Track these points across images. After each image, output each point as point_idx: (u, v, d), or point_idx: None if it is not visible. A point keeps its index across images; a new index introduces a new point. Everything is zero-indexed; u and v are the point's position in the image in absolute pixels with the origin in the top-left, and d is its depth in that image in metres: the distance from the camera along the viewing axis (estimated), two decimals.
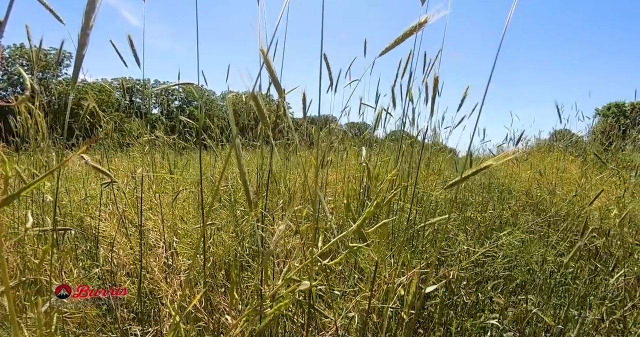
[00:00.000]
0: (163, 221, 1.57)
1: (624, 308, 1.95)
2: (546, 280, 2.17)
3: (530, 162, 3.61)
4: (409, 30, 0.71)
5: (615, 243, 2.38)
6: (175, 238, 1.65)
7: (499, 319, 1.86)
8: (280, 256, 1.46)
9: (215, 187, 1.48)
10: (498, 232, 2.24)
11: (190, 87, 1.45)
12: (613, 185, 2.74)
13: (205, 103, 5.32)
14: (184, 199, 2.00)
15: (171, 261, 1.52)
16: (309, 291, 0.96)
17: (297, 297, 1.31)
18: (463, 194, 2.95)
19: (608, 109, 18.01)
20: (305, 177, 1.62)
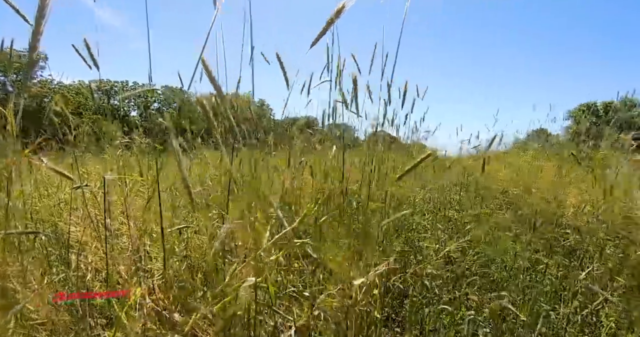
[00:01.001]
0: (129, 223, 1.56)
1: (595, 302, 1.99)
2: (521, 276, 2.20)
3: (507, 161, 3.66)
4: (330, 19, 0.74)
5: (588, 239, 2.42)
6: (149, 241, 1.63)
7: (474, 316, 1.88)
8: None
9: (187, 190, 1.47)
10: (474, 231, 2.27)
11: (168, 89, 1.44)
12: (586, 183, 2.80)
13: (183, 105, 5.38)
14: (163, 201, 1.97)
15: (142, 264, 1.51)
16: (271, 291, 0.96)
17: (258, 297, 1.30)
18: (442, 194, 2.99)
19: (581, 110, 18.43)
20: (274, 179, 1.62)
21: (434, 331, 1.91)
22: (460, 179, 3.37)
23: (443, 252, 1.76)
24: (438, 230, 2.41)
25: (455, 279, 2.14)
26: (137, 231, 1.55)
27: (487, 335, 1.89)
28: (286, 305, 1.24)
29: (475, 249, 2.13)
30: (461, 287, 2.09)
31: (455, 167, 3.42)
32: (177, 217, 1.86)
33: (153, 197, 1.89)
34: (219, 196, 1.76)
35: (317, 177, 2.42)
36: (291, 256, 1.82)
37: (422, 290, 1.99)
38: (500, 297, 2.01)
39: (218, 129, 0.78)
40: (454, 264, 2.20)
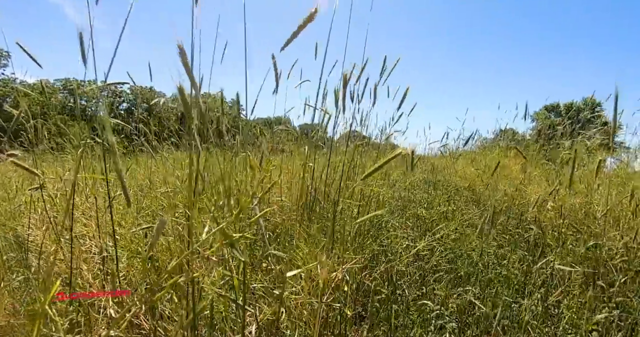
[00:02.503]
0: (93, 225, 1.52)
1: (555, 293, 2.06)
2: (486, 271, 2.26)
3: (474, 159, 3.76)
4: (302, 23, 0.74)
5: (550, 233, 2.51)
6: (111, 243, 1.60)
7: (440, 310, 1.92)
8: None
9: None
10: (442, 227, 2.31)
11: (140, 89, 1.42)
12: (547, 180, 2.90)
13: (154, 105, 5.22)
14: (122, 203, 1.94)
15: (104, 266, 1.48)
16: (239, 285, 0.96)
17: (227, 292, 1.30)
18: (411, 192, 3.04)
19: (547, 110, 19.13)
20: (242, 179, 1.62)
21: (402, 326, 1.94)
22: (430, 177, 3.43)
23: (412, 251, 1.79)
24: (408, 228, 2.45)
25: (424, 275, 2.18)
26: (99, 233, 1.52)
27: (453, 329, 1.94)
28: (252, 303, 1.24)
29: (443, 245, 2.18)
30: (429, 283, 2.13)
31: (423, 165, 3.49)
32: (142, 218, 1.83)
33: (116, 198, 1.85)
34: (184, 195, 1.74)
35: (286, 176, 2.42)
36: (260, 255, 1.82)
37: (391, 287, 2.02)
38: (466, 292, 2.06)
39: (190, 128, 0.77)
40: (423, 261, 2.24)
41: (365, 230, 2.27)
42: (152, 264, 1.69)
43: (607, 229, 2.46)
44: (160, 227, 0.63)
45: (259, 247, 1.97)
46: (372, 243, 2.22)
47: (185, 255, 0.78)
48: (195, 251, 0.90)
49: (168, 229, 1.86)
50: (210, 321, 1.12)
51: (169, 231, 1.89)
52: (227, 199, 0.98)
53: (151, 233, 1.81)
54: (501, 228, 2.57)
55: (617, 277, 2.08)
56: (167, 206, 1.77)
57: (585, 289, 2.15)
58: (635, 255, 2.24)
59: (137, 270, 1.52)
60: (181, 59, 0.76)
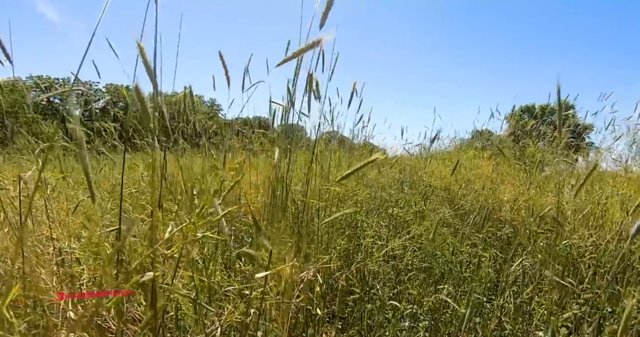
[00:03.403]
0: (57, 226, 1.47)
1: (527, 291, 2.10)
2: (460, 269, 2.28)
3: (449, 159, 3.81)
4: (305, 47, 0.75)
5: (522, 232, 2.56)
6: (75, 245, 1.55)
7: (413, 309, 1.93)
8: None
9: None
10: (416, 227, 2.33)
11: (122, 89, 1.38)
12: (519, 179, 2.95)
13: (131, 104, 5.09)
14: (89, 204, 1.89)
15: (62, 269, 1.43)
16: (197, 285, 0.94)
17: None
18: (386, 192, 3.05)
19: (522, 111, 19.59)
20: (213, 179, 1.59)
21: (376, 326, 1.94)
22: (406, 177, 3.46)
23: (385, 250, 1.80)
24: (383, 227, 2.46)
25: (397, 274, 2.19)
26: (63, 234, 1.47)
27: (427, 327, 1.95)
28: (218, 304, 1.22)
29: (416, 244, 2.19)
30: (402, 282, 2.14)
31: (399, 165, 3.52)
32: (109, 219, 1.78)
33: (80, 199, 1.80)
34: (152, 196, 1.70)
35: (260, 176, 2.40)
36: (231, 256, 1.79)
37: (365, 287, 2.02)
38: (440, 290, 2.08)
39: (152, 127, 0.75)
40: (397, 260, 2.25)
41: (340, 229, 2.27)
42: (120, 266, 1.65)
43: (577, 228, 2.51)
44: (127, 228, 0.60)
45: (234, 248, 1.95)
46: (348, 243, 2.22)
47: (147, 255, 0.76)
48: (157, 251, 0.88)
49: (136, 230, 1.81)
50: (176, 323, 1.09)
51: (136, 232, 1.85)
52: (189, 199, 0.96)
53: (117, 234, 1.77)
54: (474, 227, 2.60)
55: (586, 273, 2.13)
56: (132, 206, 1.73)
57: (556, 286, 2.19)
58: (603, 253, 2.30)
59: (105, 272, 1.48)
60: (141, 57, 0.74)
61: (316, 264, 1.24)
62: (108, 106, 18.79)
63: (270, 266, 1.26)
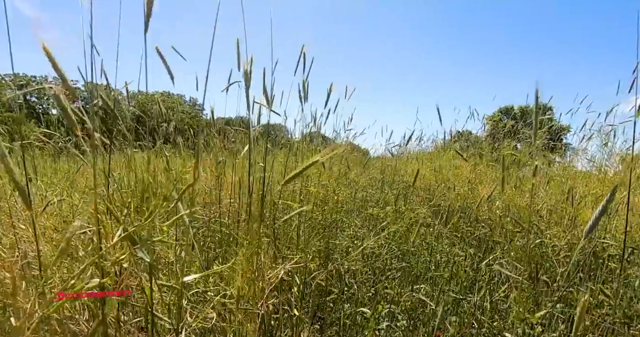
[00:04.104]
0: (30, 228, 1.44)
1: (502, 289, 2.13)
2: (438, 269, 2.31)
3: (429, 160, 3.85)
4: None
5: (498, 231, 2.60)
6: (48, 247, 1.52)
7: (390, 308, 1.94)
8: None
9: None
10: (395, 226, 2.34)
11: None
12: (494, 180, 3.00)
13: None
14: (59, 206, 1.85)
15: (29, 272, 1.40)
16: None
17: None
18: (367, 192, 3.07)
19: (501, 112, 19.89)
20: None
21: (354, 326, 1.95)
22: (386, 177, 3.48)
23: (360, 249, 1.81)
24: (362, 227, 2.47)
25: (375, 274, 2.20)
26: (31, 236, 1.43)
27: (405, 327, 1.96)
28: (187, 308, 1.21)
29: (394, 244, 2.21)
30: (381, 281, 2.15)
31: (380, 166, 3.55)
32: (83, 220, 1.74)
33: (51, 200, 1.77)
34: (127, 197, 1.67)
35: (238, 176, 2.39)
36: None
37: (343, 286, 2.02)
38: (417, 290, 2.10)
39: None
40: (376, 259, 2.26)
41: (319, 230, 2.27)
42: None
43: (551, 226, 2.57)
44: (72, 234, 0.59)
45: (208, 250, 1.93)
46: (327, 243, 2.22)
47: (92, 261, 0.75)
48: (104, 256, 0.87)
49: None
50: (147, 326, 1.08)
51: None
52: (141, 202, 0.95)
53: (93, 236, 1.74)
54: (452, 226, 2.64)
55: (559, 271, 2.17)
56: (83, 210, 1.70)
57: (531, 284, 2.24)
58: (576, 252, 2.35)
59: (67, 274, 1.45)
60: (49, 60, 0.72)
61: (285, 264, 1.23)
62: (87, 105, 18.37)
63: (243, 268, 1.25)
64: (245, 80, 1.31)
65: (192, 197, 0.96)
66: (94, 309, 1.27)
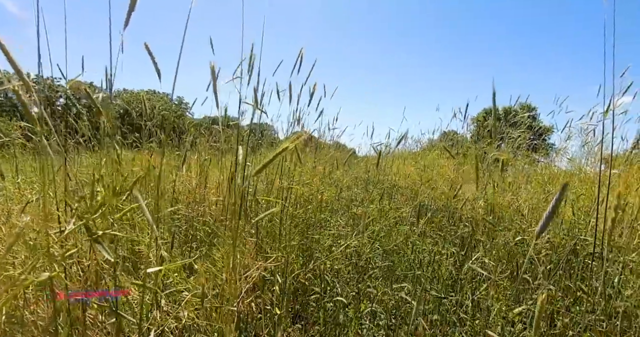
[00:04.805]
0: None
1: (484, 287, 2.15)
2: (421, 268, 2.32)
3: (414, 159, 3.88)
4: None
5: (480, 230, 2.62)
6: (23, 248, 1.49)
7: (372, 307, 1.94)
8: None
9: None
10: (378, 225, 2.35)
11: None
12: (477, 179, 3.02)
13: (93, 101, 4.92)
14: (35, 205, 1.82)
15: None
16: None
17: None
18: (352, 191, 3.07)
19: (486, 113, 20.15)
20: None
21: (338, 325, 1.95)
22: (371, 176, 3.49)
23: (342, 248, 1.80)
24: (346, 226, 2.47)
25: (358, 273, 2.20)
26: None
27: (387, 325, 1.97)
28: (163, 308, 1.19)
29: (378, 243, 2.21)
30: (364, 280, 2.15)
31: (365, 165, 3.56)
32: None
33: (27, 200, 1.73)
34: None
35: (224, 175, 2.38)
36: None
37: (325, 286, 2.02)
38: (400, 288, 2.11)
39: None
40: (358, 258, 2.27)
41: (303, 228, 2.27)
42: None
43: (533, 225, 2.60)
44: (20, 229, 0.58)
45: (189, 248, 1.92)
46: (311, 242, 2.22)
47: (36, 259, 0.73)
48: (51, 252, 0.85)
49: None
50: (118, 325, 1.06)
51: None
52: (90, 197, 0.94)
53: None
54: (435, 225, 2.66)
55: (540, 269, 2.20)
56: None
57: (512, 283, 2.26)
58: (556, 250, 2.39)
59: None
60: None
61: (262, 263, 1.23)
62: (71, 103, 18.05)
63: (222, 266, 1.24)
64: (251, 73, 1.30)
65: (175, 195, 0.95)
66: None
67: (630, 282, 2.07)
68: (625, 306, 1.87)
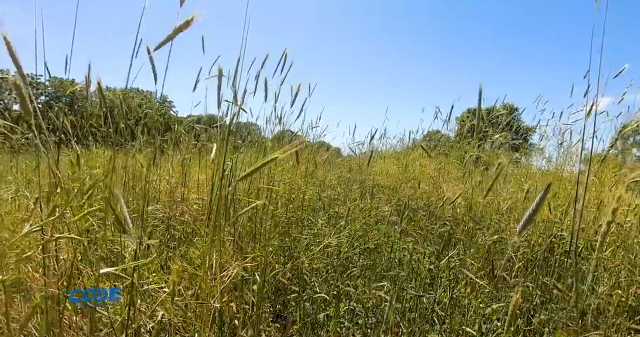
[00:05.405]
0: None
1: (461, 285, 2.18)
2: (401, 267, 2.34)
3: (396, 158, 3.91)
4: (178, 28, 0.75)
5: (460, 229, 2.66)
6: None
7: (351, 306, 1.96)
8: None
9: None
10: (359, 224, 2.37)
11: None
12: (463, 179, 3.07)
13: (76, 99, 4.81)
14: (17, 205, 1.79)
15: None
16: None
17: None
18: (336, 190, 3.09)
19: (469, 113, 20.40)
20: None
21: (317, 324, 1.96)
22: (354, 176, 3.51)
23: (321, 247, 1.81)
24: (330, 226, 2.48)
25: (337, 271, 2.22)
26: None
27: (366, 324, 1.99)
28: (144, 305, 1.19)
29: (357, 242, 2.23)
30: (343, 279, 2.17)
31: (348, 164, 3.58)
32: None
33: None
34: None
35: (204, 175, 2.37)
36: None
37: (304, 285, 2.03)
38: (379, 288, 2.13)
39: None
40: (338, 257, 2.28)
41: (285, 227, 2.28)
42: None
43: (511, 224, 2.65)
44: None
45: (167, 248, 1.91)
46: (291, 242, 2.22)
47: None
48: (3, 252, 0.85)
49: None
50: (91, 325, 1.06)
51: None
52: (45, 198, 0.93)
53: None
54: (416, 224, 2.68)
55: (517, 267, 2.24)
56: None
57: (491, 280, 2.30)
58: (533, 248, 2.43)
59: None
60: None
61: (238, 262, 1.23)
62: (52, 101, 17.74)
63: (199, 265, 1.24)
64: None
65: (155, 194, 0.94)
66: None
67: (604, 278, 2.12)
68: (597, 302, 1.92)
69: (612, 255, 2.13)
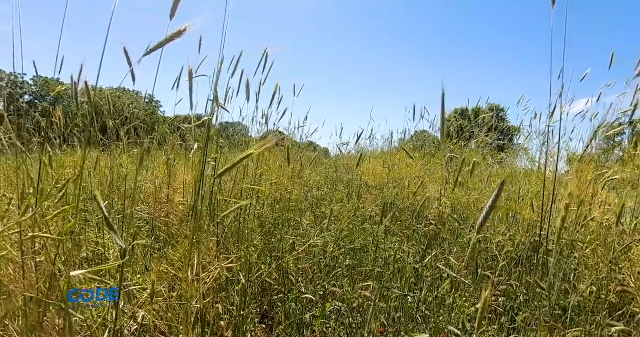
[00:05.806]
0: None
1: (446, 284, 2.20)
2: (387, 266, 2.35)
3: (382, 159, 3.94)
4: (169, 37, 0.75)
5: (445, 228, 2.69)
6: None
7: (336, 306, 1.96)
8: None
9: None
10: (344, 224, 2.37)
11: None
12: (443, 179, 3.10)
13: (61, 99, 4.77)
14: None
15: None
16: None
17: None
18: (324, 191, 3.09)
19: (456, 113, 20.62)
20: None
21: (302, 324, 1.96)
22: (341, 175, 3.52)
23: (305, 246, 1.82)
24: (317, 226, 2.49)
25: (321, 271, 2.22)
26: None
27: (352, 324, 1.99)
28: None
29: (343, 241, 2.23)
30: (329, 279, 2.17)
31: (334, 165, 3.59)
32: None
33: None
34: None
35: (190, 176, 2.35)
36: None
37: (291, 285, 2.03)
38: (365, 287, 2.13)
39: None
40: (324, 257, 2.28)
41: (270, 228, 2.27)
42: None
43: (495, 224, 2.68)
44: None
45: (152, 249, 1.89)
46: (277, 242, 2.22)
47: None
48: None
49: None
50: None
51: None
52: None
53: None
54: (402, 224, 2.70)
55: (501, 266, 2.26)
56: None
57: (475, 279, 2.32)
58: (517, 247, 2.46)
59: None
60: None
61: (221, 263, 1.23)
62: (36, 100, 17.43)
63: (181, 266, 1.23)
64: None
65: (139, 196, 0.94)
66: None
67: (585, 276, 2.16)
68: (577, 300, 1.95)
69: (593, 253, 2.17)
